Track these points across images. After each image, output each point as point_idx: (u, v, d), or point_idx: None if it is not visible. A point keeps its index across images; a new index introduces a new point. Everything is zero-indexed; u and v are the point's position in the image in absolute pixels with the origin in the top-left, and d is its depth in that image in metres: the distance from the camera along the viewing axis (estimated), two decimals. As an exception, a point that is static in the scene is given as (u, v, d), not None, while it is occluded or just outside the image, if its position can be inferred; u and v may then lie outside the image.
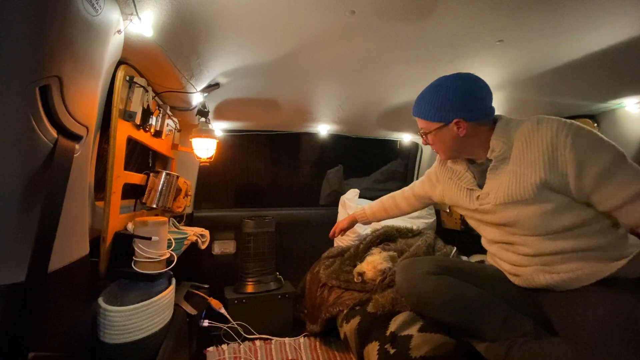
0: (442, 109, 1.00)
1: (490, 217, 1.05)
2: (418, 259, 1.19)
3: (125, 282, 1.08)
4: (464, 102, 0.98)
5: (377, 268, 1.63)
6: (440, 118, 1.02)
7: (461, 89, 0.99)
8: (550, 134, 0.89)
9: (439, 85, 1.02)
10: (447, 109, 0.99)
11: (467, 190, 1.11)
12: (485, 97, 1.00)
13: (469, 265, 1.20)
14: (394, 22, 0.95)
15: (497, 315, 0.98)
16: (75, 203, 0.78)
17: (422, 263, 1.13)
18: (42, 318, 0.67)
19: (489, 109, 1.01)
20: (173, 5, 0.85)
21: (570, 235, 0.91)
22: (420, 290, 1.09)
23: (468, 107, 0.98)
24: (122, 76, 1.01)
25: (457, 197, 1.16)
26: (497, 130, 0.99)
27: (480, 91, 1.00)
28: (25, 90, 0.57)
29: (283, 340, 1.83)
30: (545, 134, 0.90)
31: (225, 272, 2.17)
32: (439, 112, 1.01)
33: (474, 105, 0.98)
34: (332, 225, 2.33)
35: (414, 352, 1.05)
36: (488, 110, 1.01)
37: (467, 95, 0.98)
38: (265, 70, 1.33)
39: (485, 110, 1.00)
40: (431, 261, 1.13)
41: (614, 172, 0.83)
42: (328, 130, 2.34)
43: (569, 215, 0.90)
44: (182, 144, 1.81)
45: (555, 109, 1.66)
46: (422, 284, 1.09)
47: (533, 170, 0.91)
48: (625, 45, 0.99)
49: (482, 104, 0.99)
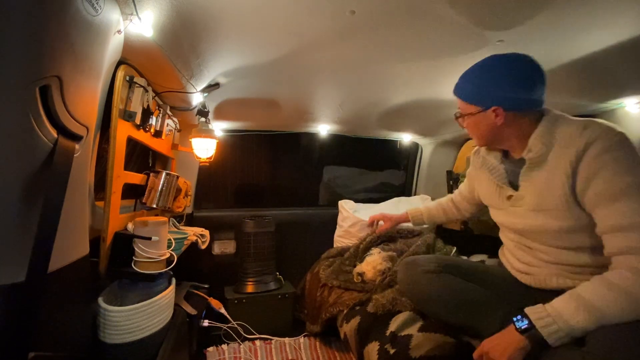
0: (481, 93, 0.93)
1: (517, 221, 0.99)
2: (420, 257, 1.20)
3: (125, 282, 1.08)
4: (507, 89, 0.89)
5: (377, 268, 1.63)
6: (478, 102, 0.95)
7: (507, 74, 0.90)
8: (585, 141, 0.82)
9: (484, 66, 0.94)
10: (487, 94, 0.92)
11: (497, 186, 1.04)
12: (534, 87, 0.90)
13: (469, 264, 1.21)
14: (394, 22, 0.95)
15: (497, 314, 0.98)
16: (75, 203, 0.78)
17: (423, 261, 1.13)
18: (42, 318, 0.67)
19: (535, 101, 0.91)
20: (173, 5, 0.85)
21: (592, 252, 0.87)
22: (421, 288, 1.10)
23: (510, 95, 0.89)
24: (122, 76, 1.01)
25: (486, 190, 1.10)
26: (540, 128, 0.90)
27: (528, 79, 0.89)
28: (25, 90, 0.57)
29: (283, 340, 1.83)
30: (583, 139, 0.82)
31: (225, 272, 2.16)
32: (477, 95, 0.94)
33: (517, 93, 0.89)
34: (332, 225, 2.37)
35: (414, 352, 1.05)
36: (534, 101, 0.91)
37: (512, 81, 0.89)
38: (265, 70, 1.32)
39: (530, 101, 0.90)
40: (433, 259, 1.13)
41: (618, 199, 0.77)
42: (328, 130, 2.34)
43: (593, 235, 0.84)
44: (182, 144, 1.81)
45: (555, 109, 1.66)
46: (423, 282, 1.09)
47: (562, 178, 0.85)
48: (625, 45, 0.98)
49: (527, 93, 0.89)
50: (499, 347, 0.80)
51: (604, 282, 0.76)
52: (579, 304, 0.75)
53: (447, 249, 1.94)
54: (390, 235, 2.04)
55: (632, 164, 0.78)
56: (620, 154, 0.78)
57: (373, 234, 2.00)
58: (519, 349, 0.77)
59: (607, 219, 0.79)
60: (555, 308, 0.77)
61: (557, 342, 0.74)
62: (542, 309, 0.79)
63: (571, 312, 0.75)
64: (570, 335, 0.74)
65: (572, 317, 0.74)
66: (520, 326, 0.79)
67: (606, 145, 0.79)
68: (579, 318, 0.73)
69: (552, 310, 0.77)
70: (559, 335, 0.74)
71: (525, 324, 0.78)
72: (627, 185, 0.76)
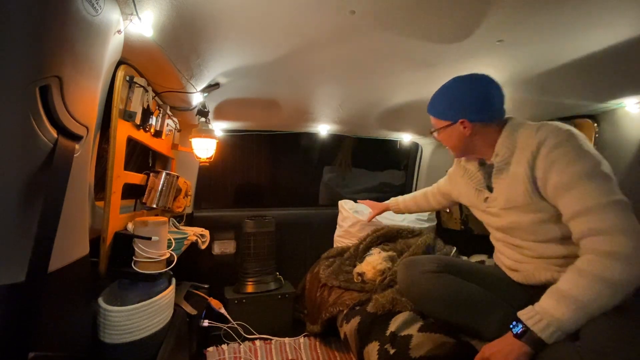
0: (449, 109, 1.06)
1: (495, 220, 1.08)
2: (419, 257, 1.21)
3: (125, 282, 1.08)
4: (470, 104, 1.02)
5: (377, 268, 1.63)
6: (447, 117, 1.07)
7: (469, 91, 1.03)
8: (537, 142, 0.91)
9: (450, 86, 1.07)
10: (454, 109, 1.04)
11: (477, 190, 1.14)
12: (492, 100, 1.02)
13: (469, 264, 1.22)
14: (394, 22, 0.95)
15: (497, 314, 0.99)
16: (75, 203, 0.78)
17: (423, 261, 1.15)
18: (42, 318, 0.67)
19: (496, 112, 1.02)
20: (173, 5, 0.85)
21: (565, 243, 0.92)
22: (421, 287, 1.11)
23: (474, 109, 1.01)
24: (122, 76, 1.01)
25: (468, 196, 1.20)
26: (503, 134, 1.00)
27: (488, 94, 1.01)
28: (25, 90, 0.57)
29: (283, 340, 1.83)
30: (536, 141, 0.92)
31: (225, 272, 2.16)
32: (447, 111, 1.07)
33: (480, 107, 1.01)
34: (332, 225, 2.37)
35: (414, 352, 1.05)
36: (495, 113, 1.02)
37: (474, 97, 1.02)
38: (265, 70, 1.32)
39: (492, 112, 1.02)
40: (432, 259, 1.15)
41: (572, 187, 0.83)
42: (328, 130, 2.34)
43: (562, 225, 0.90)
44: (182, 144, 1.81)
45: (555, 109, 1.66)
46: (422, 282, 1.11)
47: (523, 177, 0.94)
48: (625, 45, 0.98)
49: (488, 106, 1.01)
50: (500, 354, 0.82)
51: (575, 270, 0.80)
52: (559, 297, 0.78)
53: (447, 249, 1.94)
54: (390, 235, 2.04)
55: (580, 154, 0.85)
56: (568, 148, 0.86)
57: (373, 234, 2.01)
58: (521, 354, 0.79)
59: (568, 207, 0.85)
60: (541, 305, 0.81)
61: (552, 338, 0.77)
62: (531, 309, 0.83)
63: (554, 306, 0.78)
64: (561, 330, 0.76)
65: (555, 310, 0.77)
66: (516, 332, 0.82)
67: (555, 142, 0.88)
68: (562, 310, 0.76)
69: (539, 308, 0.81)
70: (550, 330, 0.77)
71: (520, 328, 0.81)
72: (578, 174, 0.83)
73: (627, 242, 0.75)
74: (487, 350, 0.85)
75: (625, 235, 0.75)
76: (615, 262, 0.74)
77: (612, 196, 0.80)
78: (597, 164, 0.84)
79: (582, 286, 0.76)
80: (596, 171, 0.83)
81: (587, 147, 0.87)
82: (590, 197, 0.81)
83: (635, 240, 0.75)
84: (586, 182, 0.82)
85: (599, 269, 0.76)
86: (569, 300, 0.76)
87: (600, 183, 0.82)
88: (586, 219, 0.81)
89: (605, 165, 0.85)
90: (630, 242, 0.74)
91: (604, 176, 0.83)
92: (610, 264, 0.75)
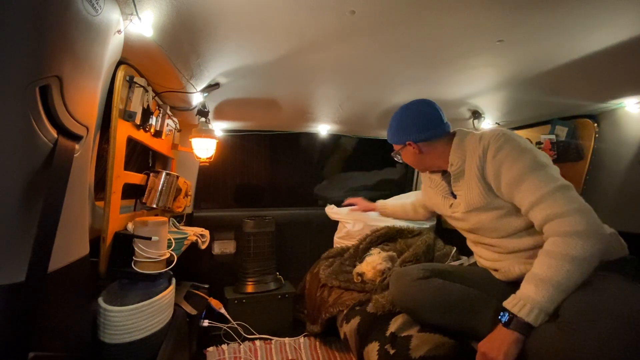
0: (397, 134, 1.19)
1: (461, 223, 1.17)
2: (408, 268, 1.25)
3: (125, 282, 1.08)
4: (411, 128, 1.15)
5: (377, 268, 1.63)
6: (397, 141, 1.20)
7: (407, 116, 1.16)
8: (482, 148, 1.01)
9: (396, 115, 1.21)
10: (400, 134, 1.18)
11: (443, 197, 1.23)
12: (432, 119, 1.13)
13: (456, 268, 1.27)
14: (394, 22, 0.95)
15: (488, 311, 1.02)
16: (75, 203, 0.78)
17: (411, 271, 1.20)
18: (42, 318, 0.67)
19: (437, 129, 1.13)
20: (173, 5, 0.85)
21: (531, 233, 0.99)
22: (412, 296, 1.16)
23: (414, 131, 1.14)
24: (122, 76, 1.01)
25: (437, 204, 1.28)
26: (453, 146, 1.11)
27: (426, 114, 1.14)
28: (25, 90, 0.57)
29: (283, 340, 1.83)
30: (480, 148, 1.01)
31: (225, 272, 2.16)
32: (395, 136, 1.20)
33: (419, 129, 1.13)
34: (332, 225, 2.37)
35: (414, 353, 1.05)
36: (436, 130, 1.13)
37: (413, 121, 1.14)
38: (265, 70, 1.32)
39: (432, 131, 1.13)
40: (420, 267, 1.21)
41: (522, 182, 0.92)
42: (328, 130, 2.34)
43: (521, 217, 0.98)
44: (182, 144, 1.81)
45: (555, 109, 1.66)
46: (412, 290, 1.15)
47: (476, 181, 1.04)
48: (625, 45, 0.98)
49: (427, 126, 1.13)
50: (493, 346, 0.85)
51: (545, 253, 0.87)
52: (536, 281, 0.84)
53: (447, 249, 1.94)
54: (390, 235, 2.04)
55: (520, 152, 0.95)
56: (509, 149, 0.96)
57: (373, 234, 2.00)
58: (512, 342, 0.82)
59: (523, 200, 0.93)
60: (522, 292, 0.87)
61: (538, 320, 0.82)
62: (513, 297, 0.88)
63: (534, 290, 0.84)
64: (544, 311, 0.82)
65: (536, 293, 0.83)
66: (504, 320, 0.86)
67: (497, 146, 0.98)
68: (543, 292, 0.82)
69: (521, 294, 0.86)
70: (535, 313, 0.82)
71: (507, 317, 0.86)
72: (523, 168, 0.92)
73: (580, 219, 0.83)
74: (482, 347, 0.88)
75: (578, 214, 0.84)
76: (577, 238, 0.81)
77: (556, 182, 0.89)
78: (535, 156, 0.94)
79: (553, 266, 0.83)
80: (536, 163, 0.93)
81: (524, 145, 0.97)
82: (539, 187, 0.89)
83: (587, 216, 0.84)
84: (532, 175, 0.91)
85: (564, 247, 0.82)
86: (546, 282, 0.82)
87: (543, 173, 0.91)
88: (542, 206, 0.89)
89: (543, 155, 0.97)
90: (582, 219, 0.83)
91: (544, 166, 0.93)
92: (573, 242, 0.82)
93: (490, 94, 1.55)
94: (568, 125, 1.65)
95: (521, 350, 0.83)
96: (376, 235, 2.01)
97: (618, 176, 1.50)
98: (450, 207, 1.19)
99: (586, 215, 0.84)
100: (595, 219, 0.84)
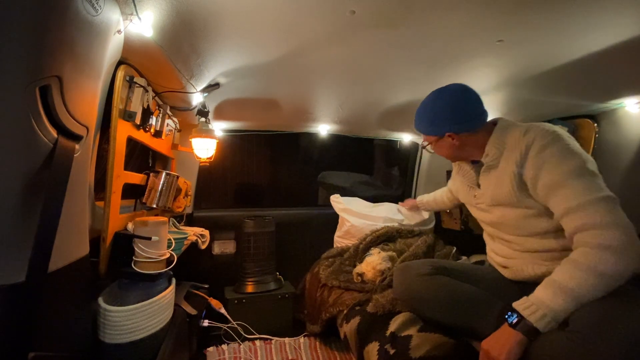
0: (434, 124, 1.10)
1: (484, 215, 1.15)
2: (413, 262, 1.24)
3: (125, 282, 1.08)
4: (453, 117, 1.05)
5: (377, 268, 1.63)
6: (434, 132, 1.11)
7: (449, 105, 1.06)
8: (526, 144, 0.95)
9: (429, 103, 1.11)
10: (439, 124, 1.08)
11: (468, 186, 1.20)
12: (474, 107, 1.06)
13: (462, 265, 1.25)
14: (394, 22, 0.95)
15: (492, 312, 1.00)
16: (75, 203, 0.78)
17: (416, 265, 1.18)
18: (42, 318, 0.67)
19: (479, 118, 1.06)
20: (173, 5, 0.85)
21: (555, 236, 0.97)
22: (416, 291, 1.14)
23: (457, 121, 1.05)
24: (122, 76, 1.01)
25: (461, 192, 1.26)
26: (493, 136, 1.05)
27: (468, 103, 1.05)
28: (25, 90, 0.57)
29: (283, 340, 1.83)
30: (524, 143, 0.96)
31: (225, 272, 2.16)
32: (432, 127, 1.11)
33: (462, 118, 1.05)
34: (332, 225, 2.37)
35: (414, 352, 1.05)
36: (478, 118, 1.06)
37: (455, 109, 1.05)
38: (265, 70, 1.32)
39: (475, 119, 1.06)
40: (426, 263, 1.19)
41: (562, 186, 0.87)
42: (328, 130, 2.34)
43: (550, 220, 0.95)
44: (182, 144, 1.81)
45: (555, 109, 1.66)
46: (417, 285, 1.13)
47: (511, 177, 0.99)
48: (625, 45, 0.98)
49: (470, 115, 1.05)
50: (497, 344, 0.85)
51: (571, 262, 0.83)
52: (555, 288, 0.82)
53: (447, 249, 1.94)
54: (390, 235, 2.04)
55: (567, 154, 0.89)
56: (556, 149, 0.90)
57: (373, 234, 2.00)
58: (516, 343, 0.82)
59: (559, 205, 0.88)
60: (537, 296, 0.84)
61: (547, 327, 0.80)
62: (526, 299, 0.86)
63: (550, 297, 0.81)
64: (556, 319, 0.80)
65: (552, 301, 0.81)
66: (511, 321, 0.85)
67: (543, 143, 0.92)
68: (559, 301, 0.80)
69: (535, 299, 0.84)
70: (546, 320, 0.80)
71: (515, 318, 0.85)
72: (567, 172, 0.87)
73: (619, 235, 0.78)
74: (485, 344, 0.88)
75: (617, 229, 0.79)
76: (609, 254, 0.77)
77: (601, 192, 0.84)
78: (584, 162, 0.88)
79: (578, 278, 0.79)
80: (584, 169, 0.87)
81: (573, 147, 0.91)
82: (581, 194, 0.84)
83: (625, 233, 0.78)
84: (575, 181, 0.86)
85: (594, 261, 0.79)
86: (566, 292, 0.79)
87: (588, 181, 0.86)
88: (579, 214, 0.84)
89: (592, 162, 0.90)
90: (621, 235, 0.78)
91: (592, 174, 0.87)
92: (605, 256, 0.78)
93: (490, 94, 1.55)
94: (568, 125, 1.65)
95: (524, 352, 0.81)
96: (376, 235, 2.01)
97: (618, 176, 1.50)
98: (475, 197, 1.16)
99: (626, 232, 0.78)
100: (635, 239, 0.78)
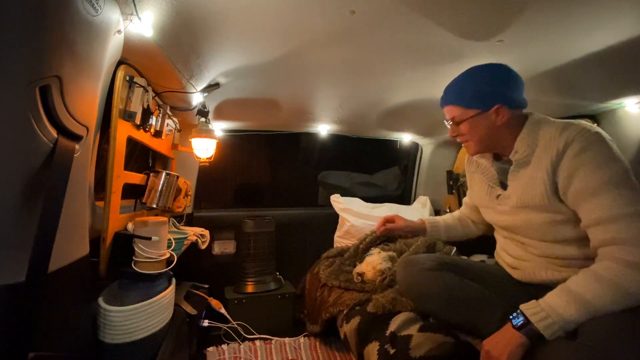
0: (480, 95, 0.96)
1: (503, 218, 1.05)
2: (418, 256, 1.21)
3: (125, 282, 1.08)
4: (506, 87, 0.95)
5: (377, 268, 1.63)
6: (478, 104, 0.97)
7: (501, 75, 0.96)
8: (564, 142, 0.86)
9: (474, 73, 0.99)
10: (487, 94, 0.95)
11: (489, 186, 1.10)
12: (522, 86, 0.98)
13: (468, 263, 1.22)
14: (394, 21, 0.95)
15: (496, 312, 0.99)
16: (75, 203, 0.78)
17: (422, 259, 1.15)
18: (42, 318, 0.67)
19: (524, 99, 0.98)
20: (173, 5, 0.85)
21: (578, 245, 0.91)
22: (420, 285, 1.11)
23: (510, 92, 0.95)
24: (122, 76, 1.01)
25: (479, 191, 1.15)
26: (524, 131, 0.95)
27: (517, 79, 0.97)
28: (25, 90, 0.57)
29: (283, 340, 1.83)
30: (562, 141, 0.87)
31: (225, 272, 2.16)
32: (476, 98, 0.97)
33: (515, 91, 0.95)
34: (332, 225, 2.37)
35: (414, 352, 1.05)
36: (524, 100, 0.98)
37: (507, 80, 0.95)
38: (265, 70, 1.32)
39: (523, 99, 0.98)
40: (432, 257, 1.15)
41: (597, 194, 0.81)
42: (328, 130, 2.34)
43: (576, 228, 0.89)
44: (182, 144, 1.81)
45: (555, 109, 1.66)
46: (421, 280, 1.10)
47: (544, 177, 0.90)
48: (625, 45, 0.98)
49: (520, 92, 0.97)
50: (498, 345, 0.83)
51: (592, 274, 0.79)
52: (570, 297, 0.78)
53: (447, 249, 1.94)
54: (390, 235, 2.04)
55: (608, 160, 0.82)
56: (596, 152, 0.83)
57: (373, 234, 2.00)
58: (518, 345, 0.79)
59: (590, 214, 0.82)
60: (548, 303, 0.80)
61: (553, 335, 0.77)
62: (536, 304, 0.82)
63: (563, 306, 0.77)
64: (564, 328, 0.77)
65: (564, 310, 0.77)
66: (516, 323, 0.82)
67: (583, 145, 0.84)
68: (572, 311, 0.76)
69: (546, 305, 0.80)
70: (554, 328, 0.77)
71: (521, 321, 0.81)
72: (605, 180, 0.80)
73: None
74: (487, 344, 0.86)
75: None
76: (636, 273, 0.73)
77: (637, 206, 0.77)
78: (625, 171, 0.81)
79: (596, 290, 0.76)
80: (624, 179, 0.80)
81: (615, 152, 0.83)
82: (616, 205, 0.78)
83: None
84: (613, 190, 0.79)
85: (618, 277, 0.75)
86: (581, 303, 0.76)
87: (627, 191, 0.79)
88: (610, 227, 0.78)
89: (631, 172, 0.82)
90: None
91: (632, 185, 0.80)
92: (631, 274, 0.74)
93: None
94: (568, 125, 1.65)
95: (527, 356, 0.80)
96: (376, 235, 2.01)
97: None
98: (497, 198, 1.05)
99: None
100: None
